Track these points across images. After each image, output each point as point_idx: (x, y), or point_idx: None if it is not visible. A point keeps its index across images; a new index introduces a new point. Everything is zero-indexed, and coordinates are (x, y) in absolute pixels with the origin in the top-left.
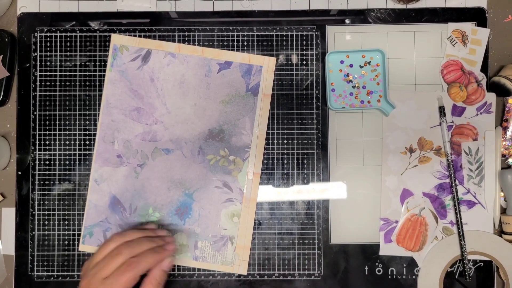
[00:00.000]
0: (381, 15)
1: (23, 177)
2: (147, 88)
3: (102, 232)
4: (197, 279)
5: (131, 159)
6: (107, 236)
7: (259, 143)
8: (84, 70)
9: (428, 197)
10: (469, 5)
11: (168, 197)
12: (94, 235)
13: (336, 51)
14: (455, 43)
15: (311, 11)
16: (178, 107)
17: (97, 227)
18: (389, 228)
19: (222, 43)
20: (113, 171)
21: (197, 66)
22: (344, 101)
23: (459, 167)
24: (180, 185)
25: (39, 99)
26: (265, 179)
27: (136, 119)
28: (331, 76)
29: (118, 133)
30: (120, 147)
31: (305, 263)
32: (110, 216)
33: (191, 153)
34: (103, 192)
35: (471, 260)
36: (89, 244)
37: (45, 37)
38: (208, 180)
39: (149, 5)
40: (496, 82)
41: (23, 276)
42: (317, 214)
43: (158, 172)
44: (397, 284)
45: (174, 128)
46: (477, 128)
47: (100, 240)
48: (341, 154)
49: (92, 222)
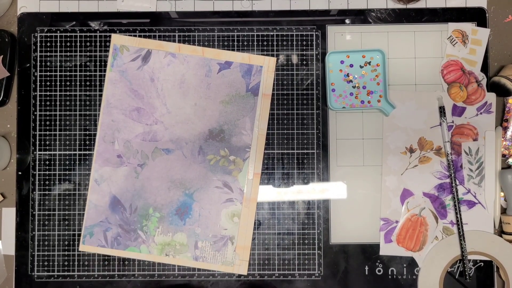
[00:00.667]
0: (381, 15)
1: (23, 177)
2: (147, 88)
3: (102, 232)
4: (197, 279)
5: (131, 159)
6: (107, 236)
7: (259, 143)
8: (84, 70)
9: (428, 197)
10: (469, 5)
11: (168, 197)
12: (94, 235)
13: (336, 51)
14: (455, 43)
15: (311, 11)
16: (178, 107)
17: (97, 227)
18: (389, 228)
19: (222, 43)
20: (113, 171)
21: (197, 66)
22: (344, 101)
23: (459, 167)
24: (180, 185)
25: (39, 99)
26: (265, 179)
27: (136, 119)
28: (331, 76)
29: (118, 133)
30: (120, 147)
31: (305, 263)
32: (110, 216)
33: (191, 153)
34: (103, 192)
35: (471, 260)
36: (89, 244)
37: (45, 37)
38: (208, 180)
39: (149, 5)
40: (496, 82)
41: (24, 276)
42: (317, 214)
43: (158, 172)
44: (397, 284)
45: (174, 128)
46: (477, 128)
47: (100, 240)
48: (341, 154)
49: (92, 222)
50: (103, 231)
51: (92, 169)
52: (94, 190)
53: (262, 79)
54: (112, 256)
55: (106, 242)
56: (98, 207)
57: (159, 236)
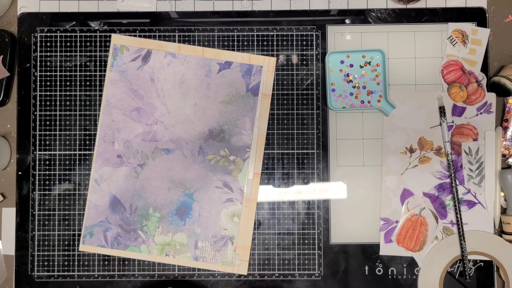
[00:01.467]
0: (381, 15)
1: (24, 177)
2: (147, 88)
3: (102, 232)
4: (197, 279)
5: (131, 159)
6: (107, 236)
7: (259, 143)
8: (84, 70)
9: (428, 197)
10: (469, 5)
11: (169, 197)
12: (94, 235)
13: (336, 51)
14: (455, 43)
15: (311, 11)
16: (179, 107)
17: (97, 227)
18: (389, 228)
19: (222, 43)
20: (114, 171)
21: (197, 66)
22: (344, 101)
23: (459, 167)
24: (181, 185)
25: (39, 99)
26: (265, 179)
27: (136, 119)
28: (331, 76)
29: (118, 133)
30: (120, 147)
31: (305, 263)
32: (110, 216)
33: (191, 153)
34: (103, 192)
35: (471, 260)
36: (89, 244)
37: (45, 37)
38: (208, 180)
39: (149, 5)
40: (496, 82)
41: (24, 276)
42: (317, 214)
43: (158, 172)
44: (397, 284)
45: (174, 128)
46: (477, 128)
47: (100, 240)
48: (341, 154)
49: (92, 222)
50: (103, 231)
51: (92, 169)
52: (94, 190)
53: (262, 79)
54: (112, 256)
55: (106, 242)
56: (98, 207)
57: (159, 236)
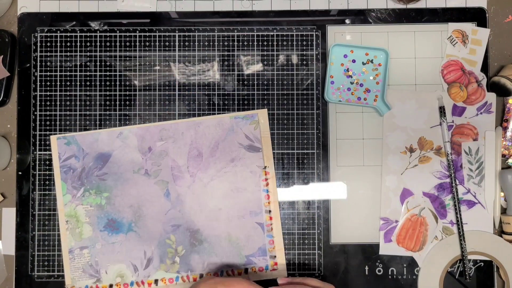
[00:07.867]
0: (381, 15)
1: (24, 177)
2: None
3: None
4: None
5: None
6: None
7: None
8: (84, 70)
9: (428, 197)
10: (469, 5)
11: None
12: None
13: (341, 44)
14: (455, 43)
15: (311, 11)
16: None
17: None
18: (389, 228)
19: (222, 43)
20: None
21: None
22: (341, 95)
23: (459, 167)
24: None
25: (39, 99)
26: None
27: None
28: (331, 69)
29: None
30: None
31: (305, 263)
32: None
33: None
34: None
35: (471, 260)
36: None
37: (45, 37)
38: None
39: (149, 5)
40: (496, 82)
41: (24, 276)
42: (317, 214)
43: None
44: (397, 284)
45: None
46: (477, 128)
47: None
48: (341, 154)
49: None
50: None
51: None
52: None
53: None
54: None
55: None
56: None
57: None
